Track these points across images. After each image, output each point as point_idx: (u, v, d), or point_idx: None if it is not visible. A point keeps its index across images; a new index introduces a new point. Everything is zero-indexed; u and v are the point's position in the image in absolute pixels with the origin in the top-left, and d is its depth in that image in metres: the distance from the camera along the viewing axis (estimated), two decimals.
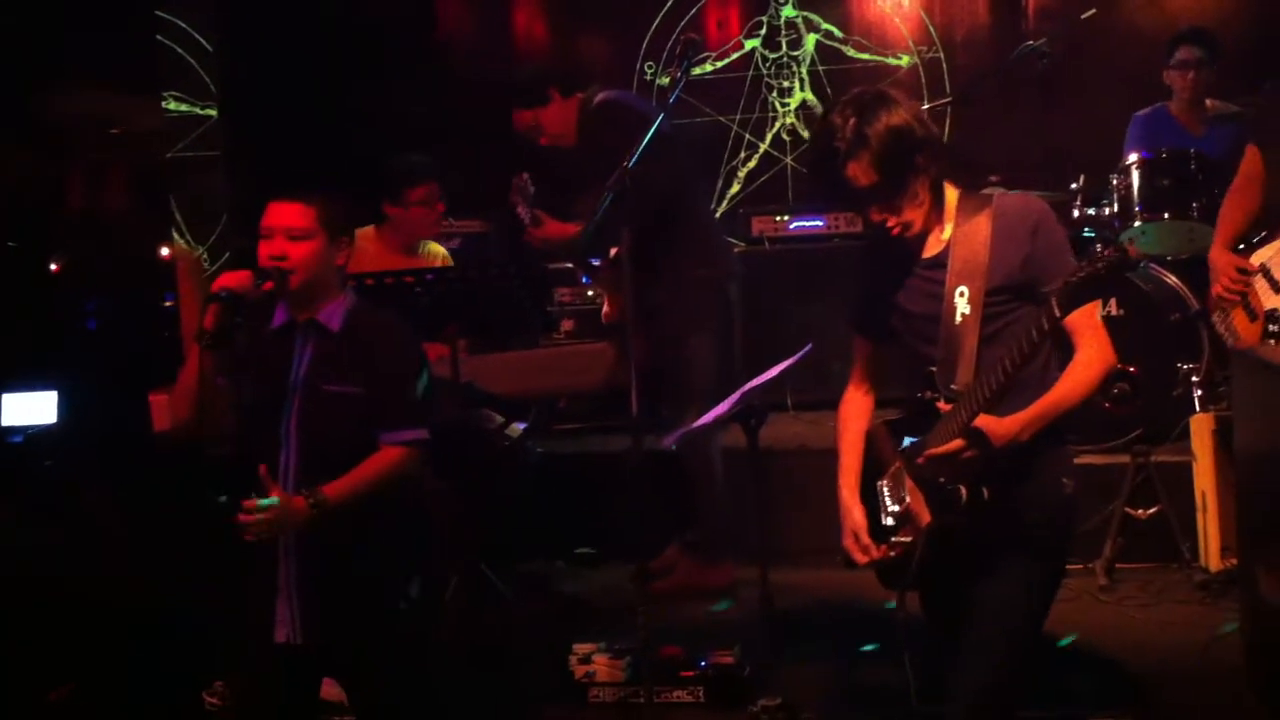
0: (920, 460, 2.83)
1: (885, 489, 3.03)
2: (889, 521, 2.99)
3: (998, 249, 2.84)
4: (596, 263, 5.26)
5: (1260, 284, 4.47)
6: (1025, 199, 2.97)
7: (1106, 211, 5.78)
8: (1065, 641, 4.21)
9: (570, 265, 6.25)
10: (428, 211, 5.16)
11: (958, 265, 2.87)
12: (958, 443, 2.72)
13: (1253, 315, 4.48)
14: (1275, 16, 6.74)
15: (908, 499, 2.91)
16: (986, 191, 2.98)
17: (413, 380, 3.35)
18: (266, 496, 3.08)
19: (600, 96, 5.16)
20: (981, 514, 2.77)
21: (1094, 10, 5.83)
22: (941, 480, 2.79)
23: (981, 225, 2.87)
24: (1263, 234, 4.56)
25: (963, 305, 2.84)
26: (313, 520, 3.13)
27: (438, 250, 5.39)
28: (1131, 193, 5.70)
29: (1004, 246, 2.84)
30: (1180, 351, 5.37)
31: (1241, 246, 4.61)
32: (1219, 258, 4.61)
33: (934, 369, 2.90)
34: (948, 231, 2.92)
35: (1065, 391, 2.80)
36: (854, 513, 3.04)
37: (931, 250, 2.94)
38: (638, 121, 4.68)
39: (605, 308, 5.46)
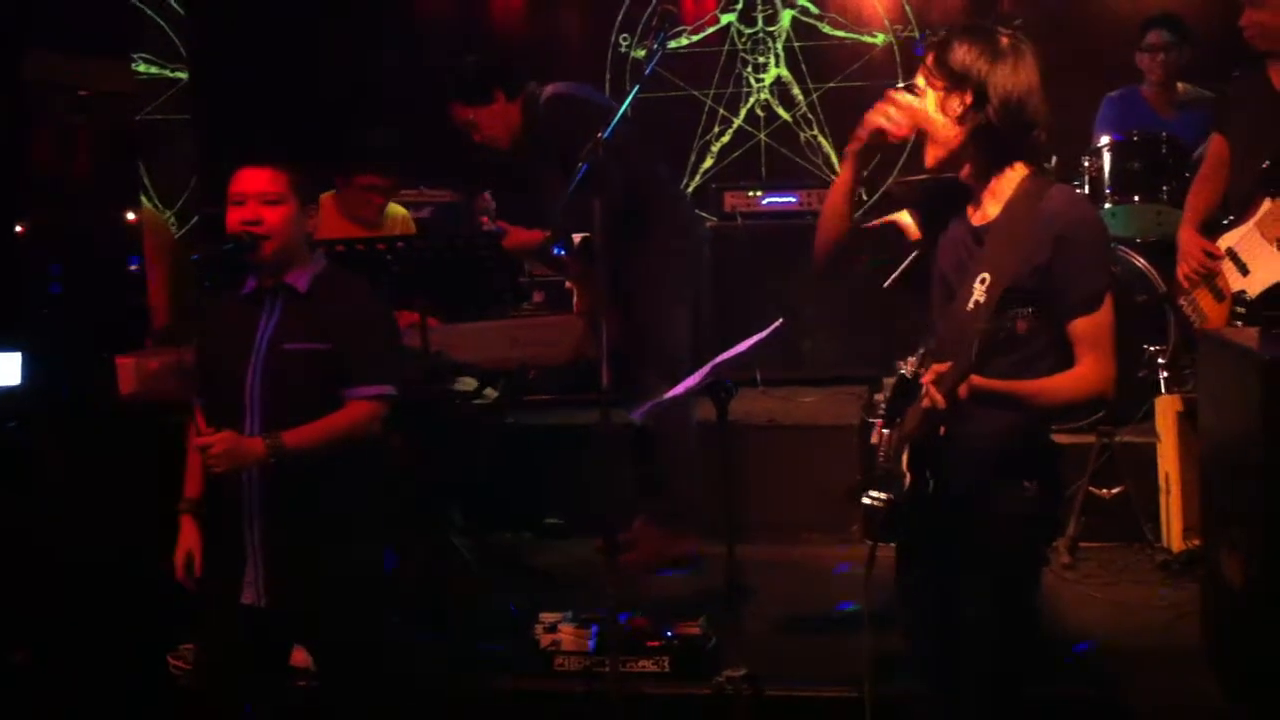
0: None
1: (886, 438, 2.84)
2: (877, 471, 2.84)
3: (1024, 248, 2.68)
4: (562, 252, 5.24)
5: (1228, 267, 4.54)
6: (1072, 203, 2.75)
7: (1077, 193, 5.81)
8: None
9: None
10: (368, 198, 5.09)
11: (990, 250, 2.73)
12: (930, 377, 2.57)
13: (1219, 296, 4.56)
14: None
15: (900, 460, 2.77)
16: (1056, 182, 2.77)
17: (379, 336, 3.35)
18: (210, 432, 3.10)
19: (550, 91, 5.05)
20: (925, 503, 2.70)
21: None
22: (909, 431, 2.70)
23: (1025, 217, 2.70)
24: (1230, 218, 4.62)
25: (979, 293, 2.70)
26: (267, 459, 3.12)
27: (399, 211, 5.35)
28: (1102, 175, 5.74)
29: (1029, 247, 2.67)
30: (1147, 333, 5.40)
31: (1225, 222, 4.64)
32: (1187, 239, 4.69)
33: (930, 348, 2.77)
34: (997, 210, 2.77)
35: (1042, 388, 2.67)
36: None
37: (978, 219, 2.81)
38: (595, 112, 4.66)
39: (576, 301, 5.44)
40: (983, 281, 2.71)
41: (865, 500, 2.81)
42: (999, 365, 2.67)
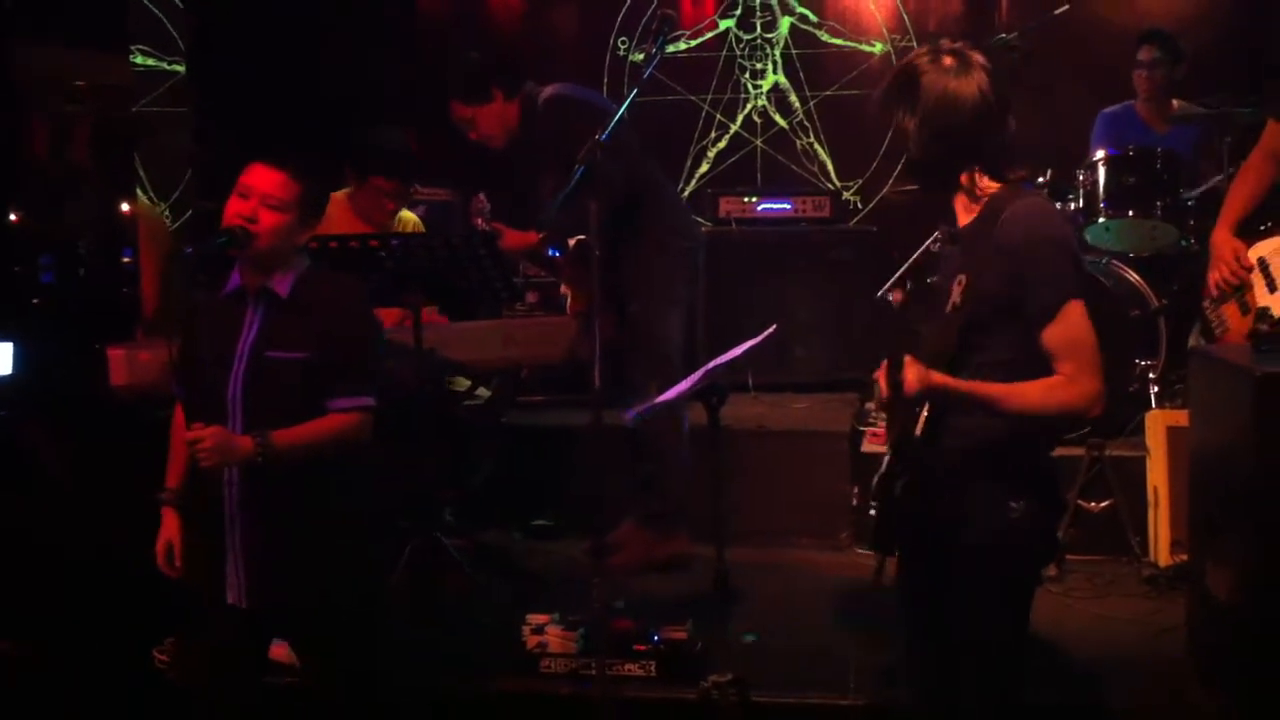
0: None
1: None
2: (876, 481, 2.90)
3: (994, 254, 2.71)
4: (557, 254, 5.25)
5: (1256, 279, 4.31)
6: (1038, 213, 2.78)
7: (1072, 206, 5.83)
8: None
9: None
10: (380, 202, 5.08)
11: (965, 253, 2.80)
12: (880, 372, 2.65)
13: (1245, 309, 4.31)
14: (1244, 16, 6.83)
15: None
16: (1026, 192, 2.81)
17: (362, 345, 3.31)
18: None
19: (547, 92, 5.06)
20: (912, 513, 2.76)
21: (1067, 6, 5.86)
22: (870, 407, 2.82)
23: (991, 223, 2.74)
24: (1268, 224, 4.41)
25: (955, 294, 2.76)
26: (256, 457, 3.10)
27: (409, 217, 5.34)
28: (1097, 189, 5.75)
29: (998, 255, 2.71)
30: (1138, 348, 5.42)
31: (1262, 228, 4.41)
32: (1223, 241, 4.37)
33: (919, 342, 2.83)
34: (970, 217, 2.84)
35: (1009, 392, 2.67)
36: None
37: (959, 224, 2.88)
38: (594, 113, 4.67)
39: (570, 303, 5.45)
40: (959, 283, 2.77)
41: (870, 511, 2.86)
42: (967, 372, 2.72)
